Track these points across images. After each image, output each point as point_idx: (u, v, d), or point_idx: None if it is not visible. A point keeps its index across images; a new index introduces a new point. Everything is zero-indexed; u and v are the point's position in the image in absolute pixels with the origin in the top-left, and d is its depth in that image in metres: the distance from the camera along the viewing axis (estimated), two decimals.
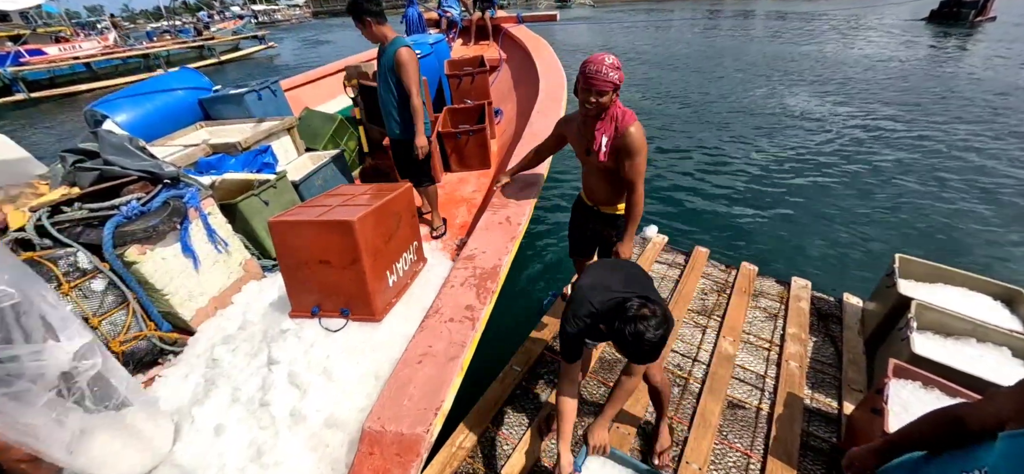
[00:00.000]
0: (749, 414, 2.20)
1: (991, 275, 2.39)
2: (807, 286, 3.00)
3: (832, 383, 2.38)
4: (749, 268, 3.16)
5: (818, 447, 2.04)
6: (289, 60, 21.17)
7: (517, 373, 2.37)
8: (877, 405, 1.71)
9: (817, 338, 2.68)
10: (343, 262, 1.76)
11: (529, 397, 2.30)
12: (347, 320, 1.86)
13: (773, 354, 2.55)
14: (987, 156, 6.22)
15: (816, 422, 2.17)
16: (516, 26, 7.29)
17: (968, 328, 2.08)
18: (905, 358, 1.92)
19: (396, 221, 2.04)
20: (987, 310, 2.24)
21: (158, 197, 2.14)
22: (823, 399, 2.28)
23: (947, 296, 2.34)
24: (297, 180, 3.03)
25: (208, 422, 1.64)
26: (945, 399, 1.73)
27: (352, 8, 2.45)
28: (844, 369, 2.41)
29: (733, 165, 6.36)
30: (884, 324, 2.40)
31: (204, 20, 29.84)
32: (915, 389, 1.78)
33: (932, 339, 2.10)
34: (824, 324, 2.78)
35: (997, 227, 4.65)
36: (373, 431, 1.32)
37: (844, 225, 4.77)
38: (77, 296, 1.90)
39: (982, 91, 9.22)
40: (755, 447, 2.04)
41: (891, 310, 2.33)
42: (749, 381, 2.39)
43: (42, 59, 17.51)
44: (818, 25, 20.61)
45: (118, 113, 3.21)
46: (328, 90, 5.26)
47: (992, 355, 1.97)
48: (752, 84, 10.77)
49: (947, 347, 2.05)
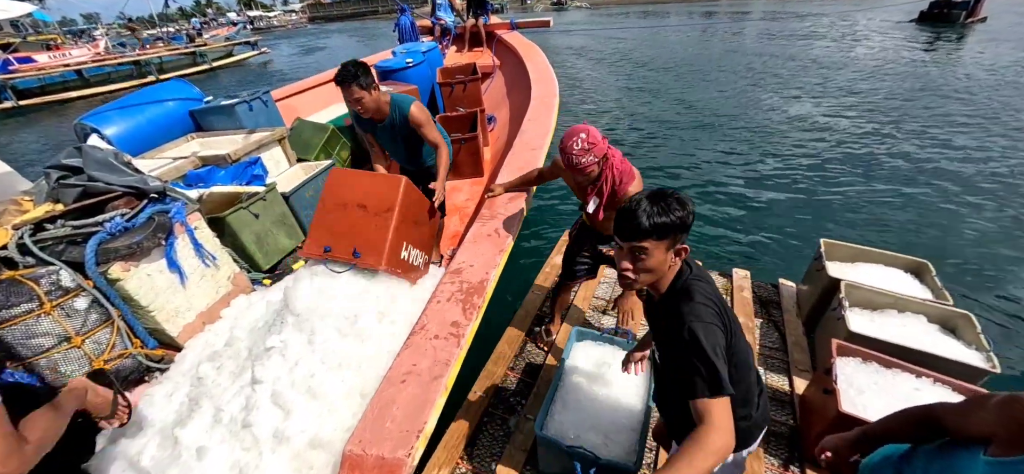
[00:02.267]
0: None
1: (902, 251, 2.67)
2: (747, 276, 3.14)
3: (781, 366, 2.49)
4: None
5: (778, 432, 2.13)
6: (283, 67, 21.15)
7: (483, 399, 2.31)
8: (827, 385, 1.81)
9: (762, 325, 2.80)
10: (379, 209, 2.02)
11: (496, 422, 2.23)
12: (353, 264, 1.98)
13: None
14: (914, 146, 6.74)
15: (773, 407, 2.25)
16: (509, 32, 7.30)
17: (889, 301, 2.28)
18: (843, 336, 2.07)
19: (426, 218, 2.32)
20: (901, 283, 2.48)
21: (143, 213, 2.12)
22: (775, 383, 2.39)
23: (867, 273, 2.54)
24: (287, 192, 3.01)
25: (191, 444, 1.62)
26: (882, 370, 1.89)
27: (354, 76, 2.24)
28: (789, 351, 2.54)
29: (669, 162, 6.67)
30: (818, 305, 2.58)
31: (197, 27, 29.77)
32: (857, 365, 1.93)
33: (861, 315, 2.26)
34: (766, 310, 2.91)
35: (905, 207, 5.15)
36: (354, 455, 1.30)
37: (770, 214, 5.14)
38: (59, 315, 1.87)
39: (940, 89, 9.65)
40: None
41: (823, 292, 2.52)
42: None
43: (31, 67, 17.41)
44: (805, 26, 20.86)
45: (108, 126, 3.19)
46: (320, 99, 5.24)
47: (912, 323, 2.19)
48: (709, 84, 11.16)
49: (875, 321, 2.23)
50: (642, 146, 7.49)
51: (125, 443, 1.81)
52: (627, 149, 7.23)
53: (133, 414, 1.92)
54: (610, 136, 7.31)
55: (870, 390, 1.80)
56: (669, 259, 1.14)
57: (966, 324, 2.10)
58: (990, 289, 3.87)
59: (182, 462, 1.63)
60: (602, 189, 1.89)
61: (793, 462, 2.00)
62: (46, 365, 1.84)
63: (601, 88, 11.66)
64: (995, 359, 1.89)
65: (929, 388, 1.79)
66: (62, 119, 13.84)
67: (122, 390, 1.50)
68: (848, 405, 1.70)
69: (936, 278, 2.41)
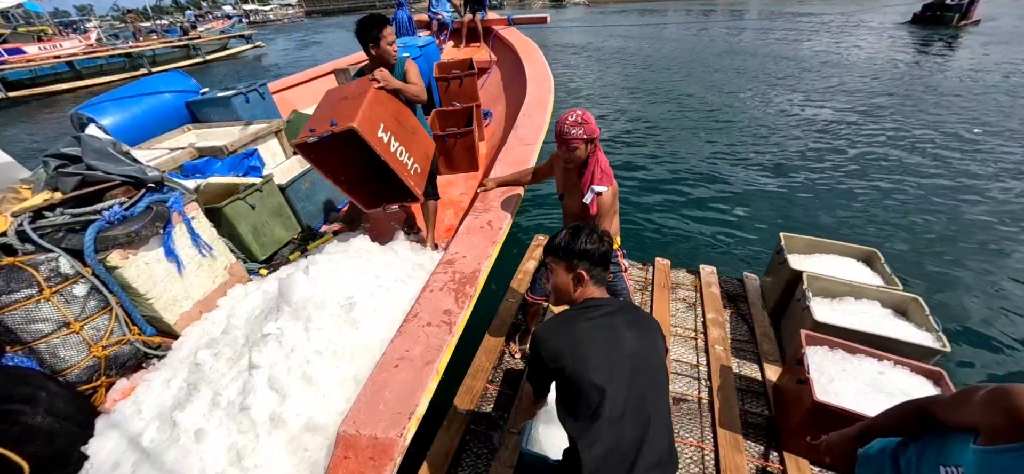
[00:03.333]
0: (692, 406, 2.30)
1: (854, 241, 2.82)
2: (714, 271, 3.24)
3: (752, 358, 2.57)
4: (663, 263, 3.31)
5: (755, 423, 2.19)
6: (277, 60, 21.10)
7: (463, 415, 2.25)
8: (800, 375, 1.89)
9: (731, 318, 2.87)
10: (357, 94, 2.21)
11: (480, 439, 2.18)
12: (331, 131, 2.06)
13: (700, 342, 2.71)
14: (874, 143, 7.06)
15: (749, 399, 2.33)
16: (507, 28, 7.32)
17: (847, 289, 2.40)
18: (809, 326, 2.16)
19: (412, 126, 2.45)
20: (855, 271, 2.60)
21: (141, 202, 2.15)
22: (749, 375, 2.47)
23: (824, 263, 2.67)
24: (283, 183, 3.04)
25: (189, 427, 1.66)
26: (849, 357, 1.98)
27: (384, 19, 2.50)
28: (759, 342, 2.63)
29: (631, 163, 6.83)
30: (783, 296, 2.68)
31: (191, 19, 29.51)
32: (825, 353, 2.02)
33: (823, 303, 2.36)
34: (734, 304, 3.00)
35: (858, 199, 5.42)
36: (348, 435, 1.34)
37: (734, 210, 5.34)
38: (58, 301, 1.91)
39: (915, 89, 9.94)
40: (705, 438, 2.14)
41: (786, 283, 2.62)
42: (685, 373, 2.50)
43: (21, 58, 17.26)
44: (799, 25, 21.07)
45: (104, 116, 3.20)
46: (317, 92, 5.24)
47: (868, 308, 2.31)
48: (690, 82, 11.43)
49: (836, 309, 2.33)
50: (618, 141, 7.69)
51: (124, 426, 1.85)
52: (605, 144, 7.38)
53: (132, 399, 1.97)
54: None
55: (839, 377, 1.89)
56: (569, 281, 1.35)
57: (916, 307, 2.22)
58: (933, 273, 4.10)
59: (180, 444, 1.67)
60: (592, 178, 1.91)
61: (772, 451, 2.05)
62: (46, 350, 1.88)
63: (590, 85, 11.83)
64: (944, 338, 2.00)
65: (891, 370, 1.89)
66: (53, 111, 13.75)
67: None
68: (822, 394, 1.78)
69: (885, 265, 2.53)
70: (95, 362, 2.01)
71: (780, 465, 1.98)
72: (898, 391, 1.79)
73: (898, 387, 1.81)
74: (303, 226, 3.19)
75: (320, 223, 3.36)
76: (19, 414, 1.66)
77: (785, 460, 1.97)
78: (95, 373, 2.03)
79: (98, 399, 2.04)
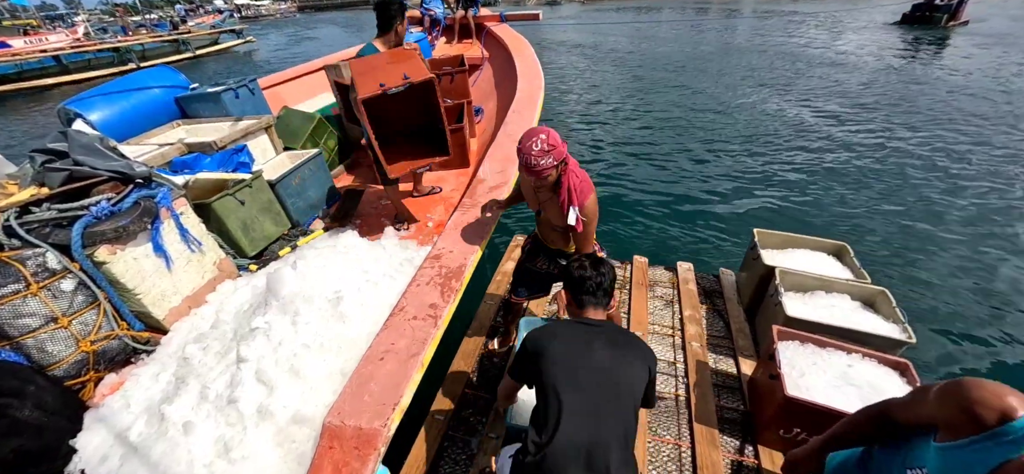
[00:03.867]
0: (670, 403, 2.33)
1: (826, 235, 2.88)
2: (690, 268, 3.27)
3: (728, 353, 2.61)
4: (641, 260, 3.35)
5: (731, 418, 2.22)
6: (268, 56, 20.94)
7: (441, 421, 2.23)
8: (772, 371, 1.92)
9: (708, 314, 2.90)
10: (403, 57, 2.47)
11: (458, 445, 2.15)
12: (407, 82, 2.33)
13: (677, 339, 2.73)
14: (849, 139, 7.25)
15: (725, 395, 2.36)
16: (499, 25, 7.32)
17: (818, 283, 2.45)
18: (782, 321, 2.21)
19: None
20: (825, 265, 2.66)
21: (129, 197, 2.15)
22: (725, 370, 2.51)
23: (796, 258, 2.72)
24: (273, 179, 3.05)
25: (177, 420, 1.68)
26: (819, 351, 2.02)
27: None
28: (734, 337, 2.66)
29: (612, 162, 6.92)
30: (757, 291, 2.72)
31: (181, 13, 29.13)
32: (796, 348, 2.06)
33: (795, 298, 2.41)
34: (710, 300, 3.03)
35: (831, 194, 5.58)
36: (333, 426, 1.37)
37: (711, 206, 5.44)
38: (46, 296, 1.91)
39: (884, 89, 10.19)
40: (682, 435, 2.17)
41: (760, 279, 2.66)
42: (663, 370, 2.53)
43: (6, 52, 16.98)
44: (789, 25, 21.28)
45: (92, 111, 3.18)
46: (308, 88, 5.24)
47: (838, 301, 2.36)
48: (672, 82, 11.51)
49: (807, 303, 2.38)
50: (601, 140, 7.76)
51: (113, 420, 1.87)
52: (586, 143, 7.52)
53: (120, 393, 1.98)
54: (577, 132, 7.64)
55: (810, 371, 1.93)
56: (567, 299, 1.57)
57: (883, 300, 2.28)
58: (902, 266, 4.21)
59: (169, 437, 1.69)
60: (570, 197, 1.81)
61: (747, 445, 2.08)
62: (33, 345, 1.88)
63: (579, 84, 11.88)
64: (910, 330, 2.06)
65: (860, 363, 1.93)
66: (39, 106, 13.56)
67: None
68: (793, 388, 1.82)
69: (854, 258, 2.59)
70: (83, 357, 2.02)
71: (755, 459, 2.01)
72: (866, 384, 1.83)
73: (866, 380, 1.85)
74: (293, 222, 3.20)
75: (310, 219, 3.37)
76: (6, 408, 1.67)
77: (760, 454, 2.02)
78: (83, 368, 2.04)
79: (87, 394, 2.05)
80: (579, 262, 1.52)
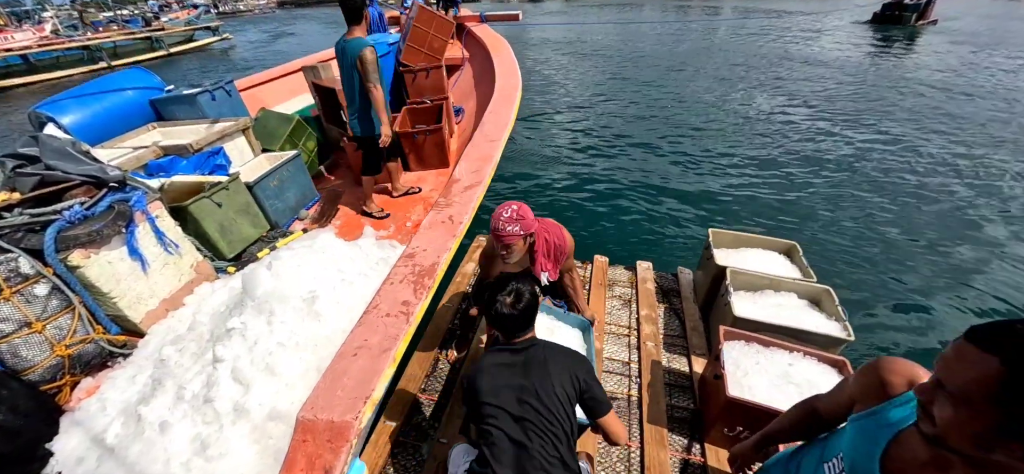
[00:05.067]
0: (622, 403, 2.33)
1: (774, 234, 2.95)
2: (650, 267, 3.28)
3: (682, 351, 2.64)
4: (601, 260, 3.34)
5: (681, 417, 2.25)
6: (245, 54, 20.46)
7: (392, 428, 2.14)
8: (717, 371, 1.97)
9: (665, 314, 2.91)
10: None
11: (408, 451, 2.11)
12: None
13: (632, 339, 2.73)
14: (809, 139, 7.43)
15: (676, 394, 2.38)
16: (479, 25, 7.36)
17: (766, 282, 2.49)
18: (730, 321, 2.25)
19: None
20: (776, 264, 2.71)
21: (103, 201, 2.16)
22: (678, 369, 2.52)
23: (749, 258, 2.76)
24: (251, 181, 3.06)
25: (154, 420, 1.71)
26: (763, 350, 2.07)
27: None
28: (689, 337, 2.69)
29: (569, 159, 6.96)
30: (711, 291, 2.76)
31: (154, 9, 28.27)
32: (742, 348, 2.10)
33: (744, 298, 2.45)
34: (668, 299, 3.04)
35: (784, 191, 5.72)
36: (306, 420, 1.42)
37: (671, 203, 5.52)
38: (19, 301, 1.92)
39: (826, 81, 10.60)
40: (633, 435, 2.17)
41: (714, 278, 2.70)
42: (617, 371, 2.52)
43: None
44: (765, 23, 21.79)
45: (64, 115, 3.14)
46: (287, 89, 5.22)
47: (785, 300, 2.41)
48: (643, 82, 11.61)
49: (756, 302, 2.42)
50: (570, 139, 7.83)
51: (89, 423, 1.89)
52: (551, 140, 7.65)
53: (97, 396, 2.00)
54: (543, 129, 7.63)
55: (753, 370, 1.98)
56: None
57: (827, 298, 2.34)
58: (848, 264, 4.33)
59: (145, 437, 1.73)
60: (546, 259, 2.02)
61: (695, 443, 2.11)
62: (6, 350, 1.89)
63: (557, 82, 11.95)
64: (850, 328, 2.14)
65: (800, 361, 1.99)
66: (5, 107, 13.09)
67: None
68: (735, 389, 1.88)
69: (803, 258, 2.65)
70: (58, 361, 2.03)
71: (701, 457, 2.05)
72: (805, 382, 1.89)
73: (805, 378, 1.91)
74: (272, 224, 3.22)
75: (289, 221, 3.39)
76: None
77: (706, 451, 2.05)
78: (59, 372, 2.05)
79: (63, 398, 2.06)
80: (499, 300, 1.50)
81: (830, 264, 4.25)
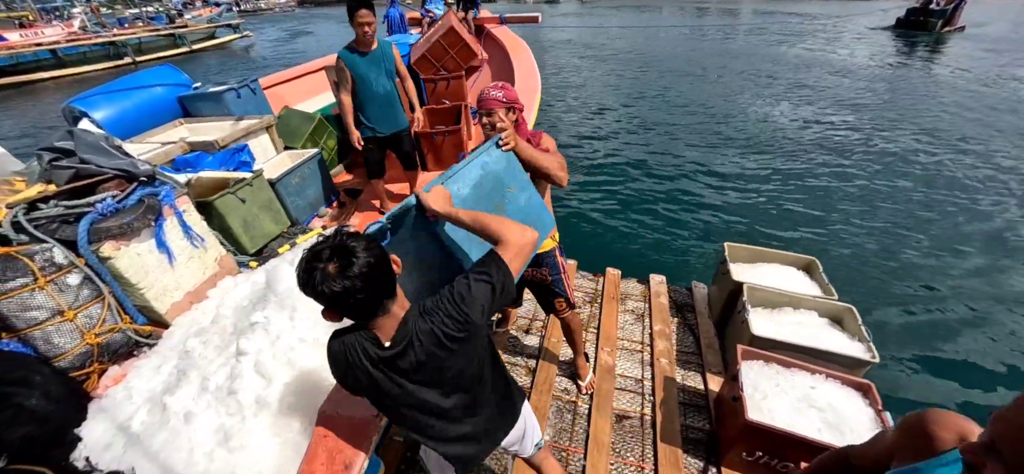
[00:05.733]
0: (635, 423, 2.28)
1: (792, 249, 2.88)
2: (663, 281, 3.21)
3: (697, 368, 2.56)
4: (614, 273, 3.27)
5: (696, 438, 2.17)
6: (264, 51, 20.91)
7: (400, 443, 2.19)
8: (735, 392, 1.89)
9: (678, 329, 2.83)
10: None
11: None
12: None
13: (646, 355, 2.67)
14: (825, 150, 7.24)
15: (691, 414, 2.30)
16: (498, 27, 7.40)
17: (785, 300, 2.41)
18: (747, 340, 2.17)
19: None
20: (794, 280, 2.62)
21: (133, 195, 2.22)
22: (692, 387, 2.45)
23: (766, 273, 2.67)
24: (273, 178, 3.12)
25: (179, 410, 1.75)
26: (783, 371, 1.98)
27: (368, 1, 2.77)
28: (703, 354, 2.61)
29: (579, 167, 6.90)
30: (726, 307, 2.68)
31: (177, 6, 29.03)
32: (761, 368, 2.02)
33: (762, 315, 2.36)
34: (681, 314, 2.96)
35: (803, 206, 5.56)
36: (328, 415, 1.45)
37: (685, 215, 5.42)
38: (53, 290, 1.98)
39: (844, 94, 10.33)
40: (646, 456, 2.13)
41: (730, 294, 2.62)
42: (630, 388, 2.47)
43: (2, 45, 16.90)
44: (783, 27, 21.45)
45: (96, 110, 3.24)
46: (308, 88, 5.31)
47: (805, 318, 2.32)
48: (659, 88, 11.54)
49: (774, 319, 2.34)
50: (583, 146, 7.75)
51: (116, 410, 1.94)
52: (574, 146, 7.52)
53: (123, 385, 2.05)
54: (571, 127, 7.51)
55: (773, 393, 1.89)
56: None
57: (849, 317, 2.25)
58: (871, 282, 4.17)
59: (170, 426, 1.76)
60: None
61: (711, 466, 2.04)
62: (40, 337, 1.95)
63: (571, 84, 11.91)
64: (875, 349, 2.03)
65: (823, 384, 1.91)
66: (35, 100, 13.54)
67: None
68: (755, 413, 1.79)
69: (823, 274, 2.56)
70: (88, 349, 2.09)
71: None
72: (828, 406, 1.80)
73: (828, 402, 1.82)
74: (293, 220, 3.27)
75: (309, 218, 3.44)
76: (13, 396, 1.74)
77: None
78: (88, 360, 2.10)
79: (91, 385, 2.12)
80: (316, 262, 0.94)
81: (851, 282, 4.08)
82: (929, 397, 3.02)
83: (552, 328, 2.77)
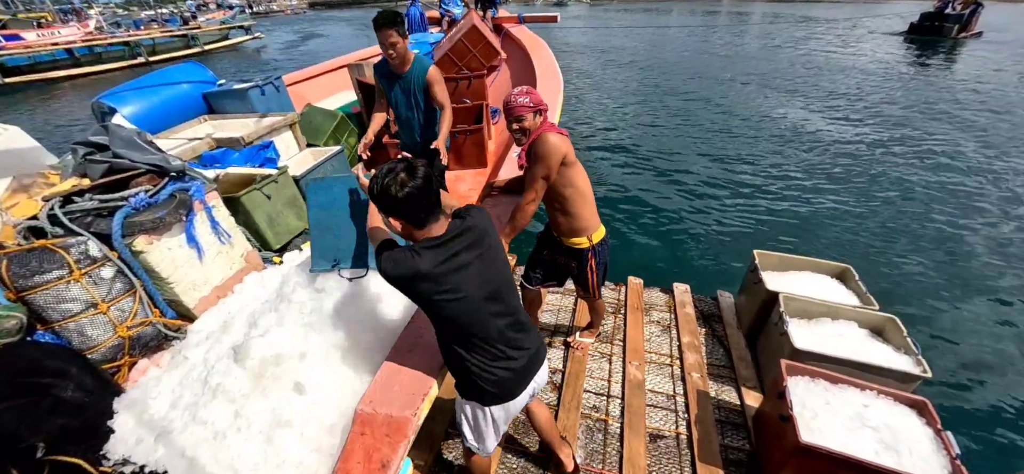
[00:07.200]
0: (670, 443, 2.16)
1: (826, 255, 2.75)
2: (687, 290, 3.09)
3: (730, 383, 2.43)
4: (636, 282, 3.17)
5: (737, 460, 2.03)
6: (275, 53, 21.07)
7: (438, 427, 2.19)
8: (783, 411, 1.76)
9: (706, 341, 2.72)
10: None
11: (451, 451, 2.13)
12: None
13: (676, 369, 2.56)
14: (845, 155, 7.03)
15: (728, 432, 2.18)
16: (517, 26, 7.39)
17: (823, 310, 2.31)
18: (788, 353, 2.06)
19: None
20: (829, 288, 2.51)
21: (165, 190, 2.22)
22: (727, 403, 2.33)
23: (798, 281, 2.57)
24: (298, 175, 3.12)
25: (206, 404, 1.74)
26: (831, 388, 1.88)
27: (393, 20, 2.51)
28: (736, 367, 2.50)
29: (596, 173, 6.69)
30: (759, 317, 2.56)
31: (191, 9, 29.44)
32: (807, 384, 1.90)
33: (801, 326, 2.25)
34: (709, 325, 2.84)
35: (831, 212, 5.36)
36: (365, 413, 1.43)
37: (704, 222, 5.25)
38: (87, 283, 1.98)
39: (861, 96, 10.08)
40: None
41: (762, 304, 2.51)
42: (662, 405, 2.35)
43: (19, 45, 17.21)
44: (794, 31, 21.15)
45: (124, 105, 3.27)
46: (330, 86, 5.33)
47: (845, 329, 2.22)
48: (673, 91, 11.29)
49: (813, 330, 2.23)
50: (599, 150, 7.64)
51: (146, 403, 1.93)
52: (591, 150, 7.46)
53: (153, 378, 2.04)
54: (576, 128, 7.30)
55: (823, 412, 1.78)
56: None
57: (893, 328, 2.13)
58: (906, 291, 4.00)
59: (198, 418, 1.74)
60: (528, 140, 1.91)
61: None
62: (74, 328, 1.95)
63: (582, 88, 11.81)
64: (925, 363, 1.92)
65: (875, 401, 1.79)
66: (51, 99, 13.74)
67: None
68: (807, 433, 1.66)
69: (859, 282, 2.44)
70: (120, 342, 2.08)
71: None
72: (883, 425, 1.68)
73: (883, 421, 1.70)
74: None
75: None
76: (50, 387, 1.74)
77: None
78: (119, 352, 2.10)
79: (121, 377, 2.11)
80: (391, 176, 1.22)
81: (887, 291, 3.88)
82: (992, 420, 2.86)
83: (576, 345, 2.71)
